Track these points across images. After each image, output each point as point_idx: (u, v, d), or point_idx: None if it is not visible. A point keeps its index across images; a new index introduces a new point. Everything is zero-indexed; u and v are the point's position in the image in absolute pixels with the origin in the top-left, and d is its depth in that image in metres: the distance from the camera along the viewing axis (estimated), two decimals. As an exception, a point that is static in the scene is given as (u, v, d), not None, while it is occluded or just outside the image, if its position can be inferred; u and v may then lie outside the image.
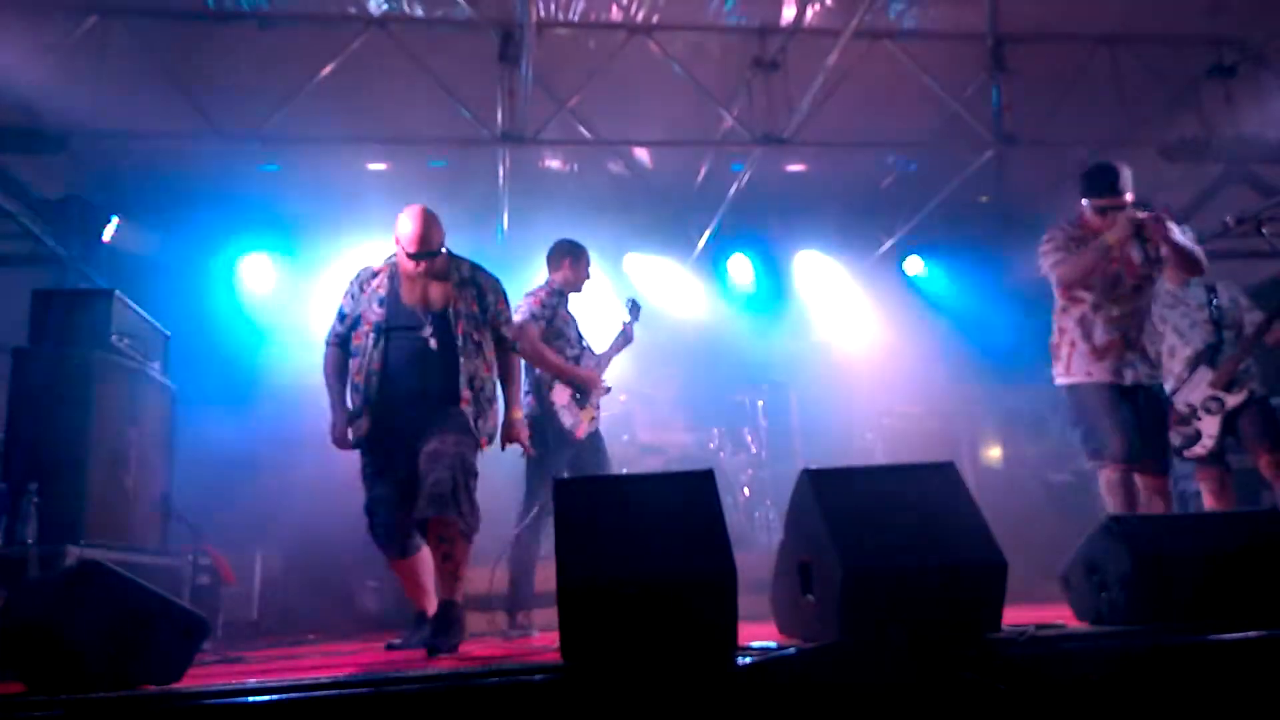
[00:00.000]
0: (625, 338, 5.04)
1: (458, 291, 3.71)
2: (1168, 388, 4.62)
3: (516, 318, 4.33)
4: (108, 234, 6.17)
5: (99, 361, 4.21)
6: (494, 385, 3.77)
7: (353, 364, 3.68)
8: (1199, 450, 4.52)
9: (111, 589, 2.30)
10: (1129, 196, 4.07)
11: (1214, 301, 4.60)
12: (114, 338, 4.34)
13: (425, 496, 3.40)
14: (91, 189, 6.40)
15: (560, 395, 4.58)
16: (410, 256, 3.61)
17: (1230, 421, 4.44)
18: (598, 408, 4.77)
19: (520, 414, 3.87)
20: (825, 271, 8.54)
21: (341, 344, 3.78)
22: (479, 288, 3.77)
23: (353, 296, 3.77)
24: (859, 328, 8.46)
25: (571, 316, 4.89)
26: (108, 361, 4.28)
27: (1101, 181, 4.09)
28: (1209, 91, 6.45)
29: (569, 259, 4.90)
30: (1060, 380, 4.11)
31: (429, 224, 3.64)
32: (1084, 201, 4.15)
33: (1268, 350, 4.52)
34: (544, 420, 4.48)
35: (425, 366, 3.61)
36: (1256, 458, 4.38)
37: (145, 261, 6.44)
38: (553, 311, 4.72)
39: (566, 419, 4.54)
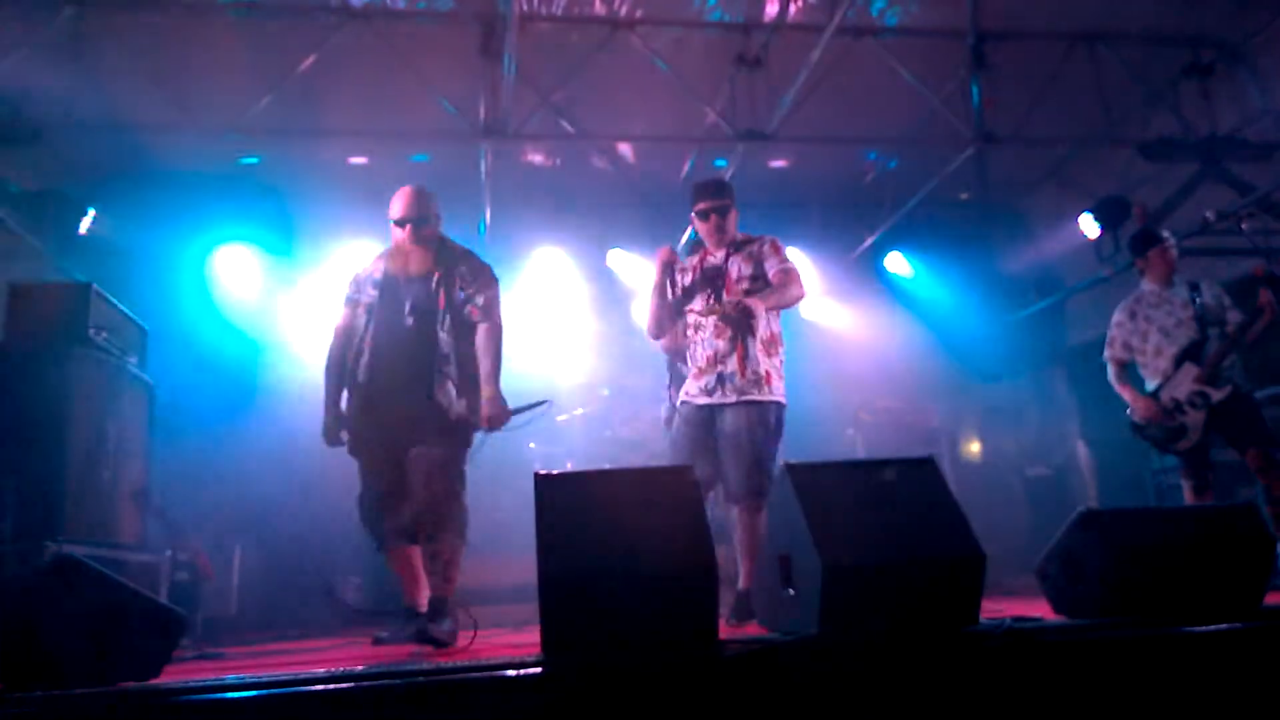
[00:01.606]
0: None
1: (442, 267, 3.74)
2: (1153, 384, 4.69)
3: None
4: (84, 227, 6.10)
5: (76, 356, 4.17)
6: (474, 361, 3.77)
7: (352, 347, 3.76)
8: (1183, 445, 4.57)
9: (88, 585, 2.28)
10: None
11: (1198, 299, 4.64)
12: (91, 332, 4.30)
13: (414, 510, 3.51)
14: (68, 182, 6.33)
15: None
16: (396, 223, 3.71)
17: (1215, 417, 4.48)
18: None
19: (497, 392, 3.72)
20: (807, 267, 8.55)
21: (345, 335, 3.81)
22: (468, 265, 3.80)
23: (356, 284, 3.84)
24: (840, 323, 8.50)
25: None
26: (85, 356, 4.24)
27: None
28: (1186, 89, 6.52)
29: None
30: None
31: (417, 195, 3.75)
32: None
33: (1249, 347, 4.57)
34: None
35: (405, 339, 3.64)
36: (1243, 452, 4.43)
37: (123, 255, 6.37)
38: None
39: None
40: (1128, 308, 4.87)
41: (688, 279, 4.15)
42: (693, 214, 4.17)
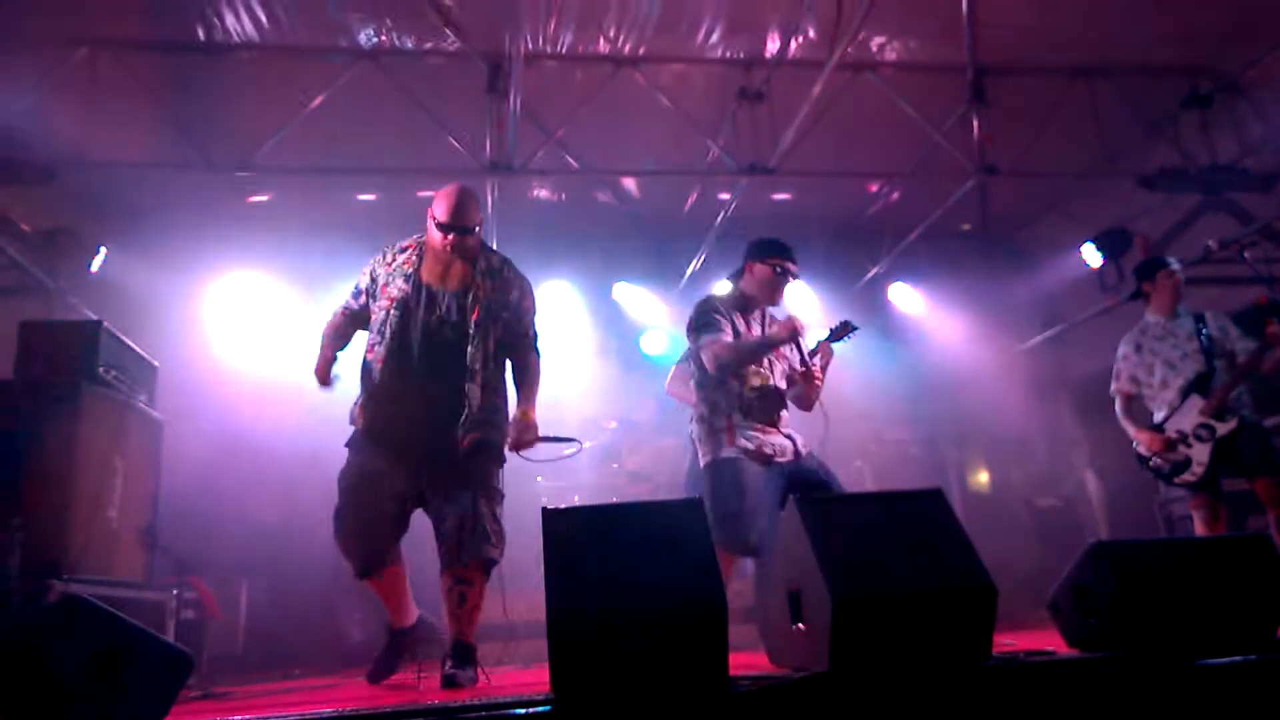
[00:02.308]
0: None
1: (481, 279, 3.47)
2: (1160, 416, 4.67)
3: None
4: (95, 265, 6.15)
5: (86, 393, 4.18)
6: (504, 383, 3.57)
7: (368, 339, 3.49)
8: (1189, 477, 4.54)
9: (95, 624, 2.27)
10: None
11: (1203, 331, 4.63)
12: (101, 369, 4.32)
13: (451, 546, 3.30)
14: (80, 220, 6.40)
15: None
16: (440, 227, 3.39)
17: (1222, 449, 4.45)
18: None
19: (532, 414, 3.47)
20: (811, 300, 8.59)
21: (349, 315, 3.61)
22: (505, 280, 3.54)
23: (372, 271, 3.56)
24: (845, 355, 8.48)
25: None
26: (95, 393, 4.26)
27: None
28: (1186, 121, 6.57)
29: None
30: None
31: (466, 198, 3.44)
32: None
33: (1260, 377, 4.55)
34: None
35: (435, 352, 3.38)
36: (1253, 482, 4.39)
37: (133, 292, 6.42)
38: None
39: None
40: (1132, 340, 4.86)
41: (754, 332, 4.06)
42: (770, 266, 4.10)
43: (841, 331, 4.31)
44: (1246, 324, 4.73)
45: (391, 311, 3.42)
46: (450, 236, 3.38)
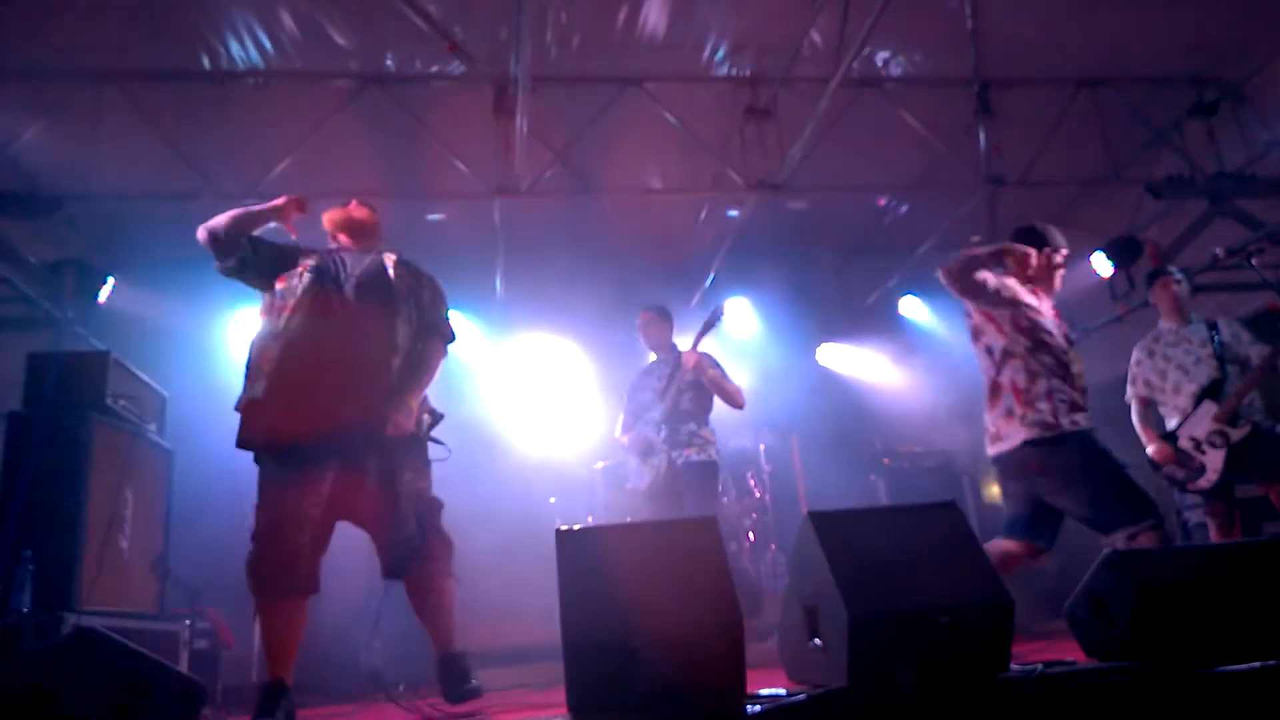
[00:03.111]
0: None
1: (393, 256, 3.45)
2: (1173, 423, 4.66)
3: None
4: (104, 295, 6.18)
5: (95, 424, 4.19)
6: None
7: (271, 304, 3.27)
8: (1203, 484, 4.52)
9: (108, 656, 2.26)
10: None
11: (1216, 338, 4.63)
12: (110, 400, 4.33)
13: (399, 555, 3.10)
14: (87, 251, 6.44)
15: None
16: (340, 225, 3.57)
17: (1236, 455, 4.43)
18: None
19: (415, 403, 3.23)
20: (822, 315, 8.59)
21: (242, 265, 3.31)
22: (417, 270, 3.48)
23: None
24: (859, 369, 8.48)
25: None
26: (104, 424, 4.27)
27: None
28: (1191, 128, 6.56)
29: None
30: None
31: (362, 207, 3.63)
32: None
33: (1274, 382, 4.53)
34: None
35: (353, 325, 3.17)
36: (1268, 488, 4.38)
37: (142, 323, 6.45)
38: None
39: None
40: (1146, 346, 4.86)
41: None
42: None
43: (705, 328, 5.10)
44: (1257, 329, 4.71)
45: (305, 277, 3.33)
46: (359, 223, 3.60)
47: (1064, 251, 3.77)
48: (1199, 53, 6.07)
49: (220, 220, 3.36)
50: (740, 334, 8.40)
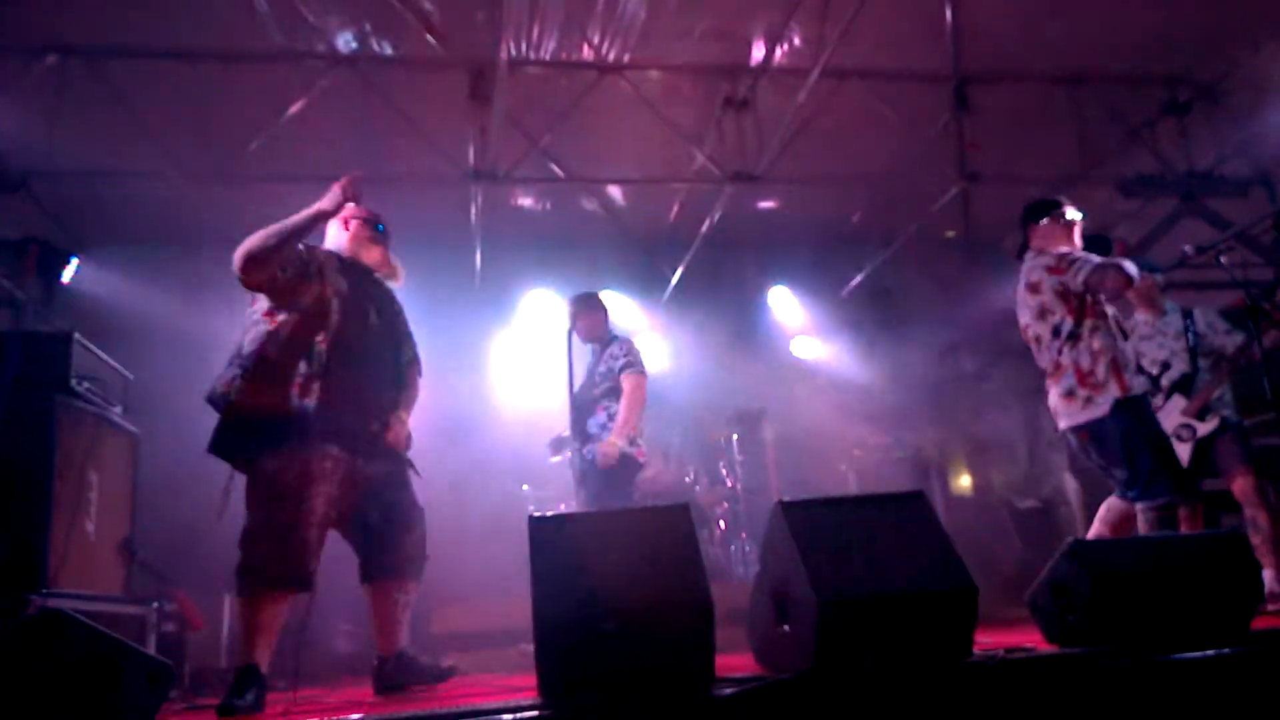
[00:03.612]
0: None
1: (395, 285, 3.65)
2: None
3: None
4: (67, 275, 6.08)
5: (59, 406, 4.13)
6: None
7: (298, 316, 3.20)
8: None
9: (75, 639, 2.24)
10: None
11: (1191, 329, 4.65)
12: (74, 381, 4.26)
13: (409, 559, 3.31)
14: (51, 230, 6.32)
15: None
16: (368, 222, 3.62)
17: (1202, 448, 4.50)
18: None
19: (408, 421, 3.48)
20: (798, 307, 8.63)
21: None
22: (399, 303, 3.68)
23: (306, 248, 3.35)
24: (832, 361, 8.54)
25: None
26: (68, 406, 4.21)
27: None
28: (1164, 128, 6.66)
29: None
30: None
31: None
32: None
33: (1244, 375, 4.56)
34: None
35: (372, 348, 3.37)
36: (1230, 481, 4.43)
37: (106, 303, 6.35)
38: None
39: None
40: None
41: None
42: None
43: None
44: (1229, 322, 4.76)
45: (335, 301, 3.32)
46: (383, 233, 3.65)
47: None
48: (1173, 53, 6.15)
49: (262, 243, 3.16)
50: (714, 325, 8.44)
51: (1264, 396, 3.77)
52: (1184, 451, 4.51)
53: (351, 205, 3.47)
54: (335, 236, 3.61)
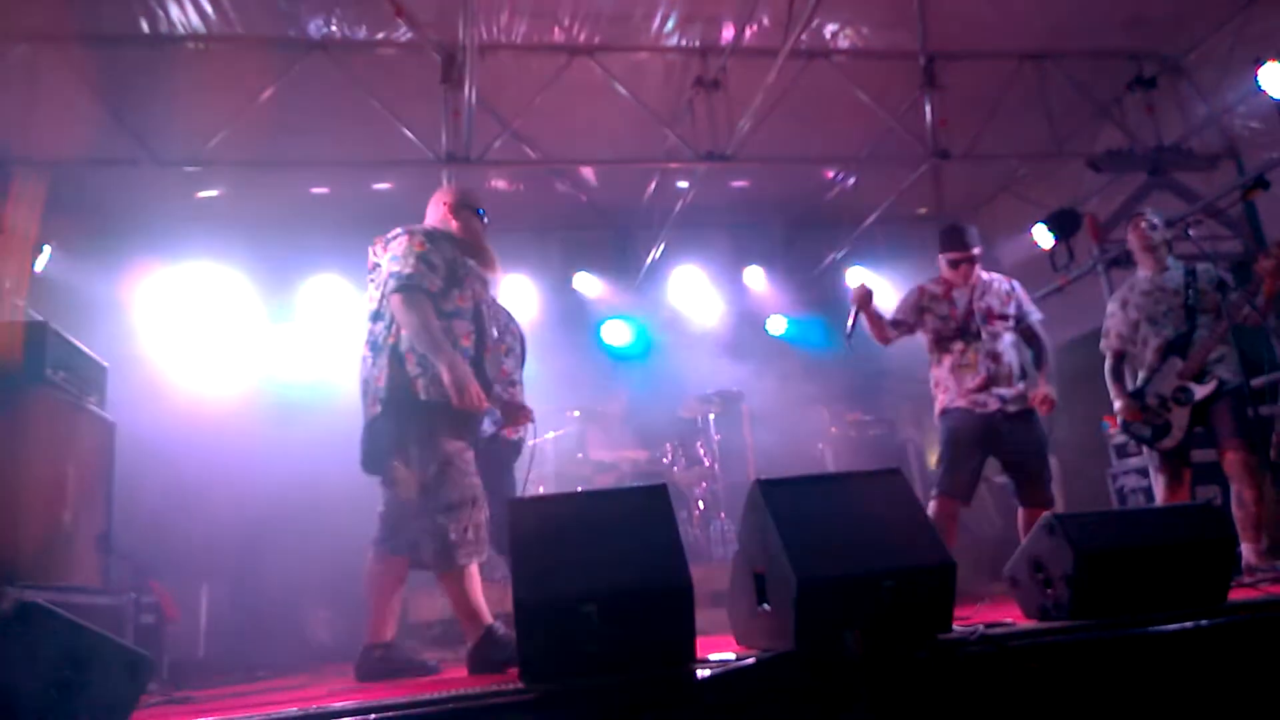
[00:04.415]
0: None
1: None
2: (1141, 377, 4.54)
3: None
4: (40, 264, 5.99)
5: (34, 396, 4.07)
6: None
7: (458, 326, 3.37)
8: (1168, 442, 4.41)
9: (51, 630, 2.22)
10: (976, 251, 4.52)
11: (1191, 287, 4.43)
12: (49, 371, 4.21)
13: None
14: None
15: None
16: (480, 212, 3.71)
17: (1199, 412, 4.31)
18: None
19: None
20: (770, 286, 8.66)
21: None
22: None
23: (443, 255, 3.40)
24: (806, 340, 8.57)
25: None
26: (43, 396, 4.15)
27: (953, 239, 4.55)
28: (1131, 103, 6.71)
29: None
30: None
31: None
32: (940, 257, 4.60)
33: (1247, 333, 4.37)
34: None
35: (490, 355, 3.62)
36: (1221, 452, 4.23)
37: (81, 292, 6.27)
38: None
39: None
40: (1120, 297, 4.72)
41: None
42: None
43: None
44: None
45: (472, 306, 3.47)
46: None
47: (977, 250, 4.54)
48: (1139, 28, 6.19)
49: (415, 333, 3.27)
50: (689, 303, 8.45)
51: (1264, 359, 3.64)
52: (1181, 416, 4.35)
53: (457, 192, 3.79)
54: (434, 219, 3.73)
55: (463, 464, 3.24)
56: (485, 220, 3.73)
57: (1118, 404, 4.61)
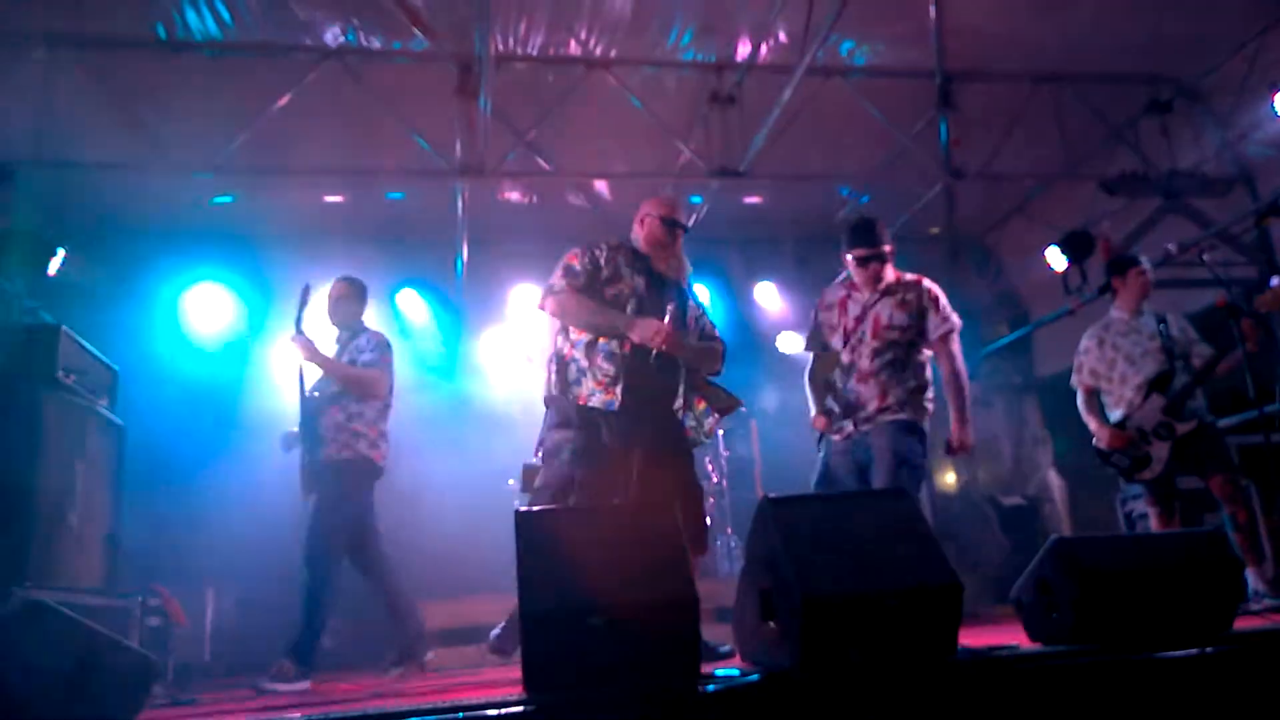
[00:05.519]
0: None
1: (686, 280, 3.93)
2: (1119, 413, 4.73)
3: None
4: (53, 267, 6.03)
5: (45, 398, 4.10)
6: None
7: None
8: (1147, 475, 4.62)
9: (58, 631, 2.23)
10: (887, 248, 4.16)
11: (1165, 330, 4.70)
12: (60, 374, 4.23)
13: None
14: (37, 221, 6.27)
15: None
16: (673, 224, 3.79)
17: (1180, 449, 4.53)
18: None
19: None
20: (782, 303, 8.65)
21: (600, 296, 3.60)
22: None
23: (593, 257, 3.67)
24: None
25: None
26: (54, 398, 4.18)
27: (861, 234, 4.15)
28: (1146, 127, 6.70)
29: None
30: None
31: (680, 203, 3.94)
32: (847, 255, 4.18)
33: (1215, 380, 4.62)
34: None
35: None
36: (1208, 480, 4.47)
37: (93, 296, 6.31)
38: None
39: None
40: (1095, 335, 4.91)
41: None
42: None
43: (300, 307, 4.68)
44: (1207, 325, 4.81)
45: (630, 300, 3.62)
46: (680, 234, 3.83)
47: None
48: (1156, 52, 6.19)
49: (573, 319, 3.69)
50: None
51: (1244, 395, 3.82)
52: (1162, 450, 4.55)
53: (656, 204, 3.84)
54: (632, 231, 3.83)
55: None
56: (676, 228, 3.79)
57: (1101, 433, 4.75)
